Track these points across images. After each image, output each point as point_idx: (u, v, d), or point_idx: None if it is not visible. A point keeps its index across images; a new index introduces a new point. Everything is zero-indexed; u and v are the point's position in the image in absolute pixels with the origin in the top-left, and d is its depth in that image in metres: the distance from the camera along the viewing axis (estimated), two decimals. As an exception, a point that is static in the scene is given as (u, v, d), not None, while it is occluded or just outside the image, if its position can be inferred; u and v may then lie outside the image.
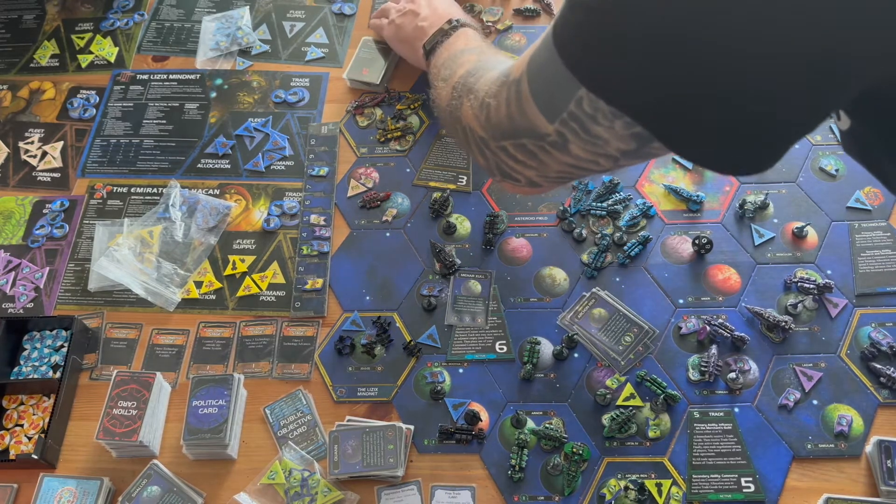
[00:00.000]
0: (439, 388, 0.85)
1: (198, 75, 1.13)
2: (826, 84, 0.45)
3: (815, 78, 0.44)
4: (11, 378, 0.89)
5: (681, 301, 0.89)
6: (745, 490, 0.78)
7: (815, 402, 0.82)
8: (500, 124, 0.62)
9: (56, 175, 1.05)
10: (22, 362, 0.90)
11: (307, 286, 0.92)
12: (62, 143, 1.08)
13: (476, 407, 0.83)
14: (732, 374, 0.83)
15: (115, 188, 1.03)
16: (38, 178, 1.05)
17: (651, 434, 0.81)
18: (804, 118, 0.48)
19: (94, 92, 1.12)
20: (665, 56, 0.46)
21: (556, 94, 0.55)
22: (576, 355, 0.86)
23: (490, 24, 1.12)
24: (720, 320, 0.86)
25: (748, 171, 0.53)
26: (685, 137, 0.51)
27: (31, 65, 1.16)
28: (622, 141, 0.54)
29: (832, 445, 0.79)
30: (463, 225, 0.96)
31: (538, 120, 0.57)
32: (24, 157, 1.07)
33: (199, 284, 0.94)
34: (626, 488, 0.78)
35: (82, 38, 1.18)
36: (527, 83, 0.58)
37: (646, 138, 0.53)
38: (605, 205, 0.95)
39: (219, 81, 1.12)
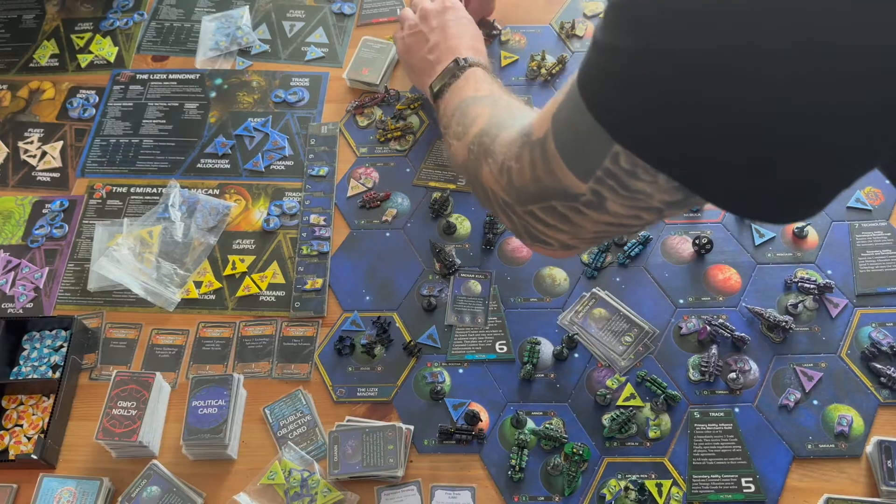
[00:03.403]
0: (439, 388, 0.84)
1: (197, 75, 1.13)
2: (885, 137, 0.42)
3: (875, 131, 0.41)
4: (11, 378, 0.88)
5: (681, 301, 0.89)
6: (745, 490, 0.78)
7: (815, 402, 0.81)
8: (526, 188, 0.57)
9: (55, 175, 1.05)
10: (21, 362, 0.90)
11: (307, 286, 0.92)
12: (62, 142, 1.08)
13: (476, 407, 0.83)
14: (733, 375, 0.83)
15: (114, 188, 1.03)
16: (38, 178, 1.05)
17: (651, 434, 0.81)
18: (858, 170, 0.45)
19: (93, 92, 1.12)
20: (711, 104, 0.41)
21: (588, 151, 0.50)
22: (576, 355, 0.86)
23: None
24: (720, 320, 0.86)
25: (795, 220, 0.50)
26: (735, 194, 0.46)
27: (31, 64, 1.16)
28: (667, 193, 0.49)
29: (832, 445, 0.79)
30: (463, 225, 0.96)
31: (569, 180, 0.52)
32: (23, 156, 1.07)
33: (198, 284, 0.94)
34: (627, 488, 0.78)
35: (82, 38, 1.18)
36: (553, 141, 0.53)
37: None
38: (605, 205, 0.95)
39: (218, 81, 1.12)
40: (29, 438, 0.85)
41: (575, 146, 0.51)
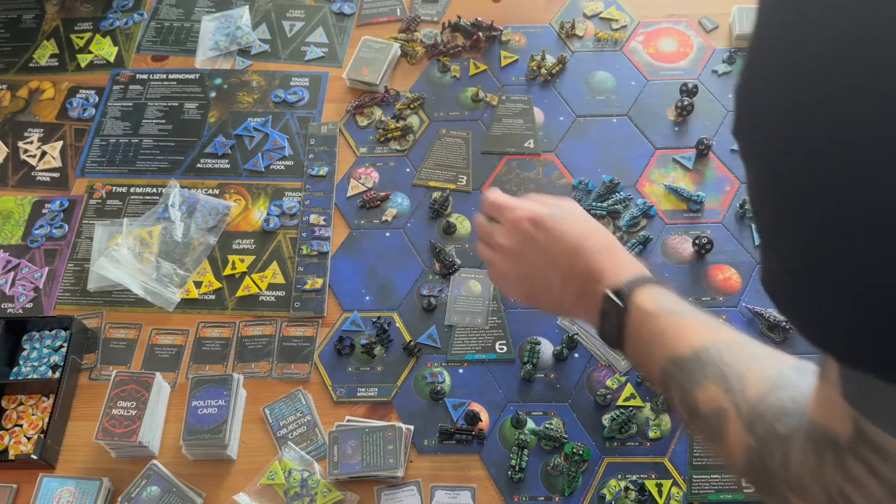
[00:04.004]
0: (439, 388, 0.84)
1: (197, 75, 1.13)
2: None
3: None
4: (11, 378, 0.88)
5: (681, 301, 0.88)
6: (745, 490, 0.77)
7: (815, 402, 0.81)
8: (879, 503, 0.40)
9: (55, 175, 1.05)
10: (21, 362, 0.90)
11: (307, 286, 0.92)
12: (61, 142, 1.07)
13: (476, 407, 0.83)
14: (733, 375, 0.83)
15: (114, 188, 1.03)
16: (38, 178, 1.05)
17: (651, 434, 0.81)
18: None
19: (93, 91, 1.12)
20: None
21: None
22: (576, 355, 0.86)
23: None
24: (720, 320, 0.86)
25: None
26: None
27: (31, 64, 1.16)
28: None
29: (833, 446, 0.79)
30: (463, 225, 0.96)
31: None
32: (23, 156, 1.06)
33: (198, 284, 0.94)
34: (627, 489, 0.78)
35: (81, 38, 1.18)
36: (870, 426, 0.38)
37: None
38: (605, 205, 0.95)
39: (218, 81, 1.12)
40: (29, 438, 0.85)
41: (886, 412, 0.37)
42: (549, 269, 0.67)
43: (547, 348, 0.86)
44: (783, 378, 0.49)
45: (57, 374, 0.87)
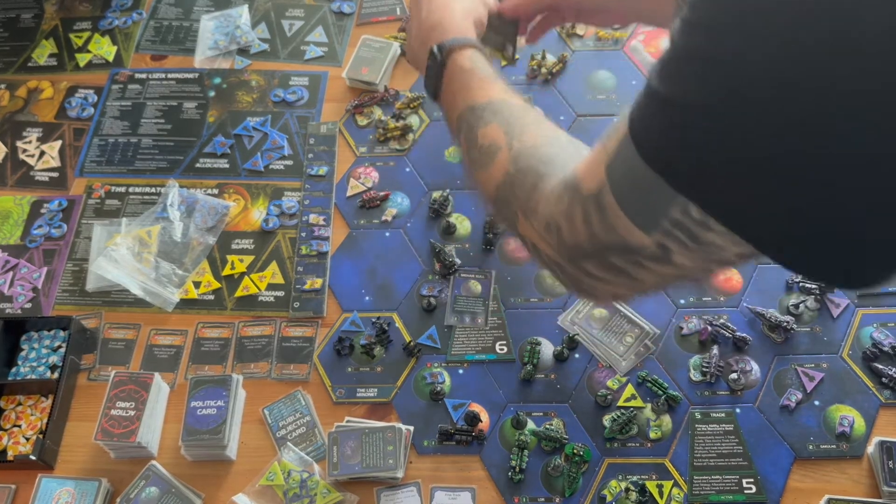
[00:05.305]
0: (439, 388, 0.84)
1: (196, 74, 1.12)
2: None
3: None
4: (9, 379, 0.88)
5: (682, 301, 0.88)
6: (746, 491, 0.77)
7: (816, 402, 0.81)
8: (579, 245, 0.51)
9: (54, 175, 1.04)
10: (20, 363, 0.89)
11: (306, 286, 0.92)
12: (60, 142, 1.07)
13: (476, 408, 0.83)
14: (734, 375, 0.83)
15: (113, 188, 1.02)
16: (36, 178, 1.04)
17: (652, 435, 0.80)
18: None
19: (92, 91, 1.12)
20: (783, 152, 0.37)
21: (652, 201, 0.45)
22: (576, 356, 0.86)
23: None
24: (721, 321, 0.86)
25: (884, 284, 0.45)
26: (825, 265, 0.42)
27: (29, 64, 1.15)
28: (742, 245, 0.44)
29: (834, 446, 0.79)
30: (463, 225, 0.95)
31: (631, 234, 0.47)
32: (21, 156, 1.06)
33: (197, 284, 0.94)
34: (627, 489, 0.77)
35: (80, 37, 1.18)
36: (611, 194, 0.47)
37: None
38: (605, 204, 0.95)
39: (217, 80, 1.11)
40: (27, 439, 0.84)
41: (636, 197, 0.46)
42: (423, 7, 0.77)
43: (547, 349, 0.86)
44: (557, 141, 0.59)
45: (55, 375, 0.86)
